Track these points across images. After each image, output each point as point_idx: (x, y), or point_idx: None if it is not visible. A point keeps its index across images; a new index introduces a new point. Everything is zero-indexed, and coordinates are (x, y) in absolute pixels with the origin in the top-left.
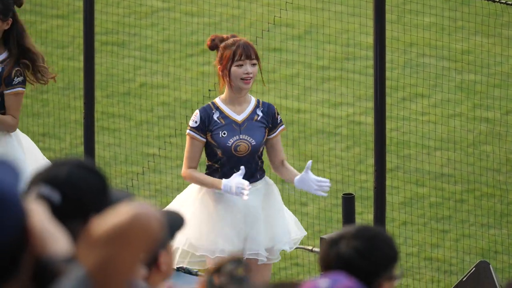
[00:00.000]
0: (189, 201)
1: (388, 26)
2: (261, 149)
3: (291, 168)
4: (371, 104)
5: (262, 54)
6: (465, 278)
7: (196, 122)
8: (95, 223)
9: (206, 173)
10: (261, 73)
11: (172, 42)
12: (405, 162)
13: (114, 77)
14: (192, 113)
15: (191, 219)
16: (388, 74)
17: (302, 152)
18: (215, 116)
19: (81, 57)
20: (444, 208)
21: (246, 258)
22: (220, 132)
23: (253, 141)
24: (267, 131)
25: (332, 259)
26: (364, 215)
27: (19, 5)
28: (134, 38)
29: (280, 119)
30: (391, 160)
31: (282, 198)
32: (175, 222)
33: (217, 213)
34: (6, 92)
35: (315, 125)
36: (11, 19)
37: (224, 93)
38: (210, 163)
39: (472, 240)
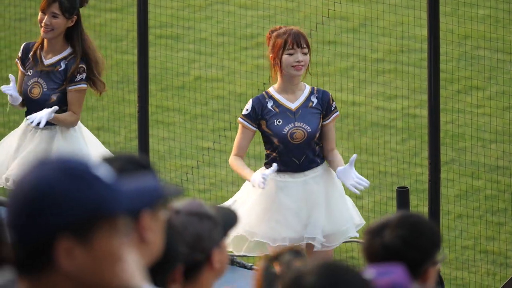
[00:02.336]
0: (252, 190)
1: (442, 19)
2: (317, 135)
3: (339, 157)
4: (426, 97)
5: (316, 47)
6: None
7: (247, 110)
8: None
9: (265, 162)
10: (309, 64)
11: (226, 35)
12: (460, 154)
13: (168, 70)
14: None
15: (253, 207)
16: (442, 66)
17: (357, 145)
18: (269, 105)
19: (136, 51)
20: (500, 201)
21: (304, 243)
22: (275, 120)
23: (309, 128)
24: (321, 117)
25: (377, 249)
26: (420, 208)
27: (83, 5)
28: (188, 32)
29: (335, 106)
30: (446, 153)
31: None
32: (229, 219)
33: (279, 201)
34: (68, 88)
35: (370, 118)
36: (75, 16)
37: (277, 82)
38: (268, 152)
39: None
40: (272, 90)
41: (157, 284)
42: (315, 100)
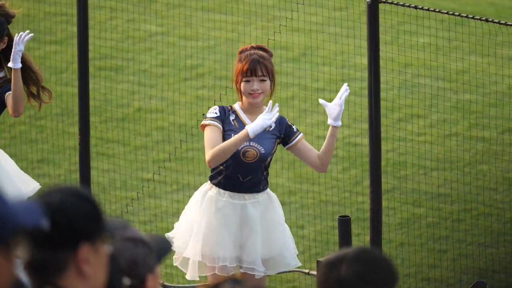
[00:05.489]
0: (193, 210)
1: (383, 47)
2: (269, 159)
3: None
4: (367, 126)
5: None
6: None
7: (216, 113)
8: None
9: (210, 176)
10: (271, 89)
11: (167, 67)
12: (401, 183)
13: (109, 102)
14: (187, 137)
15: (196, 229)
16: (383, 95)
17: (299, 174)
18: (231, 117)
19: (76, 83)
20: (441, 228)
21: (242, 272)
22: (232, 134)
23: (262, 149)
24: (277, 143)
25: (332, 283)
26: (361, 237)
27: (9, 22)
28: (129, 63)
29: (297, 129)
30: (387, 181)
31: None
32: (163, 247)
33: (217, 221)
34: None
35: None
36: (6, 37)
37: (242, 101)
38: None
39: (469, 260)
40: (236, 106)
41: None
42: (273, 125)
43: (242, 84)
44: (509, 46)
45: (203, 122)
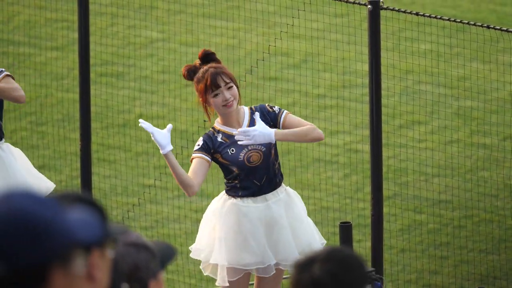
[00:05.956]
0: (214, 218)
1: (384, 54)
2: (273, 151)
3: (302, 128)
4: (368, 132)
5: (258, 83)
6: None
7: (199, 144)
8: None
9: (226, 190)
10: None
11: (168, 73)
12: (402, 189)
13: (110, 108)
14: (188, 143)
15: (221, 235)
16: (384, 101)
17: (300, 180)
18: (219, 138)
19: (77, 89)
20: (443, 235)
21: (276, 268)
22: (228, 150)
23: (262, 147)
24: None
25: (306, 284)
26: (362, 243)
27: None
28: (130, 69)
29: (279, 108)
30: (388, 188)
31: None
32: (166, 254)
33: (243, 227)
34: None
35: (312, 154)
36: None
37: (219, 116)
38: (229, 181)
39: (470, 266)
40: (217, 124)
41: None
42: (257, 118)
43: (212, 100)
44: (510, 53)
45: (192, 155)
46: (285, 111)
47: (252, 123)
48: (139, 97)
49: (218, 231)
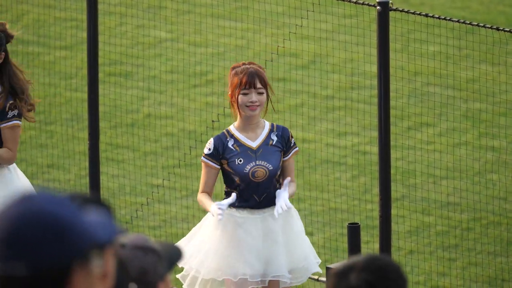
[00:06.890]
0: (210, 227)
1: (393, 55)
2: (278, 172)
3: (292, 186)
4: (376, 134)
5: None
6: None
7: (210, 149)
8: None
9: (224, 199)
10: (269, 101)
11: (176, 73)
12: (411, 191)
13: (118, 108)
14: (197, 143)
15: (212, 244)
16: (393, 103)
17: (308, 182)
18: (230, 144)
19: (86, 89)
20: (451, 237)
21: (270, 281)
22: (236, 159)
23: (270, 166)
24: (282, 154)
25: None
26: (370, 244)
27: (8, 41)
28: (138, 69)
29: (294, 142)
30: (396, 189)
31: None
32: (173, 255)
33: (237, 238)
34: (1, 126)
35: (320, 155)
36: (3, 53)
37: (237, 120)
38: (228, 189)
39: (479, 269)
40: (232, 128)
41: None
42: (275, 138)
43: (240, 96)
44: None
45: (201, 157)
46: (296, 149)
47: (267, 140)
48: (148, 97)
49: (212, 241)
